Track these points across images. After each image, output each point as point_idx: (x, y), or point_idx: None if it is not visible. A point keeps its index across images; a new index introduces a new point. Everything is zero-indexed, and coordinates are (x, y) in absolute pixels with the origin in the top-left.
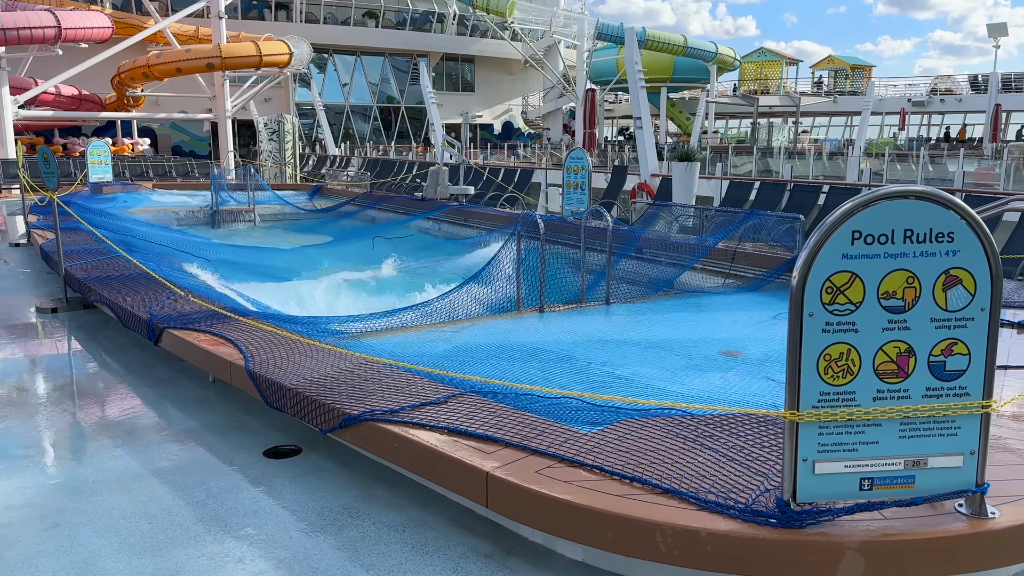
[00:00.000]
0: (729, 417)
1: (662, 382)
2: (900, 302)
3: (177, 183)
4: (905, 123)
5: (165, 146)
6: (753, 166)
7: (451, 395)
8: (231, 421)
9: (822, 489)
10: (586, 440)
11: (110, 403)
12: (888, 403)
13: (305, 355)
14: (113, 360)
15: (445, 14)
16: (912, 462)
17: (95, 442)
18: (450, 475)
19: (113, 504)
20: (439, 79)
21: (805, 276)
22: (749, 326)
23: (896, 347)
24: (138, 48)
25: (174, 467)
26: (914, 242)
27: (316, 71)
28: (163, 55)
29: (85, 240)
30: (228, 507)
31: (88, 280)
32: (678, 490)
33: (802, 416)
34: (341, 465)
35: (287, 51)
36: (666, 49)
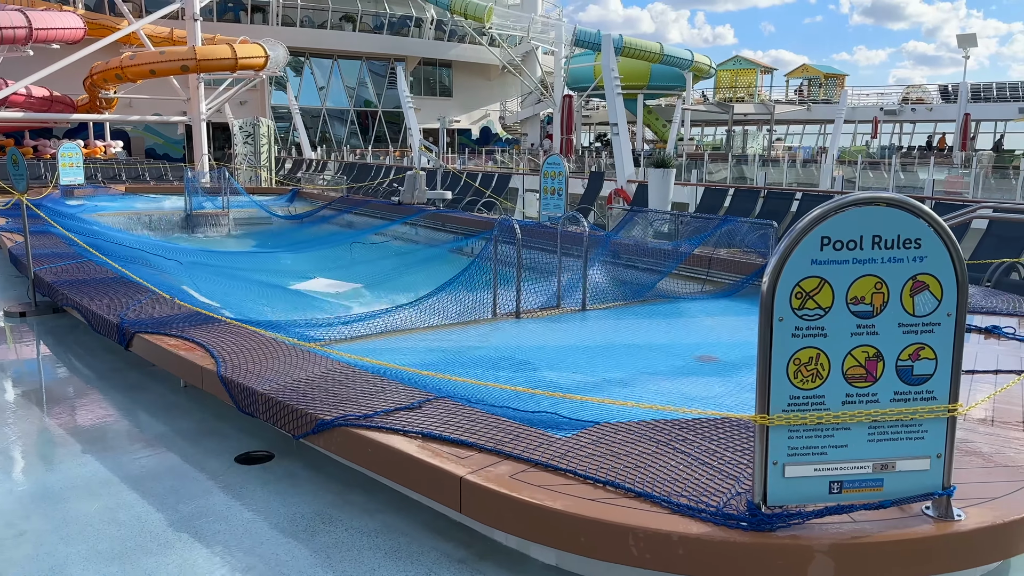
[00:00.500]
0: (702, 421)
1: (637, 387)
2: (869, 307)
3: (150, 186)
4: (877, 131)
5: (138, 149)
6: (728, 173)
7: (425, 400)
8: (202, 427)
9: (792, 492)
10: (560, 444)
11: (80, 409)
12: (857, 407)
13: (278, 359)
14: (83, 365)
15: (423, 19)
16: (880, 465)
17: (64, 448)
18: (424, 480)
19: (81, 511)
20: (417, 84)
21: (775, 281)
22: (723, 331)
23: (865, 352)
24: (111, 49)
25: (144, 473)
26: (882, 248)
27: (292, 74)
28: (137, 57)
29: (55, 243)
30: (199, 513)
31: (58, 284)
32: (651, 494)
33: (772, 420)
34: (314, 471)
35: (263, 54)
36: (643, 56)
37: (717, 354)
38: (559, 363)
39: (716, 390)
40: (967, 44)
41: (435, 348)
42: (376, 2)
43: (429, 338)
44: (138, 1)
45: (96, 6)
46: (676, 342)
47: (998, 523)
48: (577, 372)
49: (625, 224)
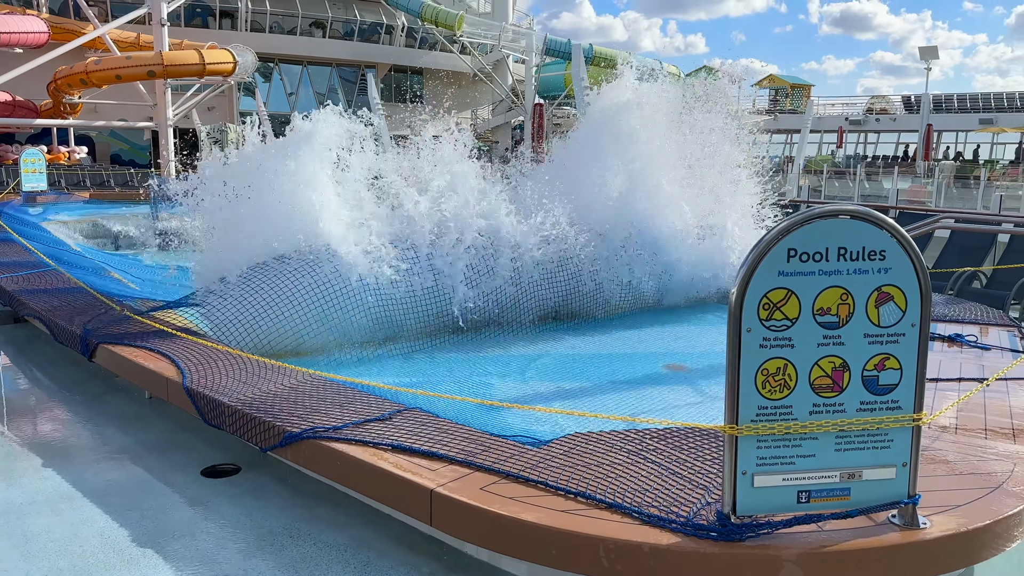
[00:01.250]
0: (672, 431)
1: (607, 396)
2: (835, 318)
3: (116, 193)
4: (843, 141)
5: (104, 155)
6: None
7: (395, 411)
8: (168, 439)
9: (761, 502)
10: (531, 455)
11: (41, 421)
12: (824, 417)
13: (245, 370)
14: (45, 376)
15: (394, 26)
16: (847, 474)
17: (24, 462)
18: (394, 493)
19: (43, 527)
20: (388, 91)
21: (743, 292)
22: (692, 340)
23: (831, 362)
24: (76, 54)
25: (108, 487)
26: (848, 260)
27: (261, 80)
28: (102, 62)
29: (16, 252)
30: (164, 528)
31: (19, 293)
32: (621, 504)
33: (741, 430)
34: (282, 484)
35: (231, 59)
36: (612, 65)
37: (686, 363)
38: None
39: (686, 399)
40: (929, 56)
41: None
42: (346, 8)
43: (398, 347)
44: (104, 6)
45: (61, 10)
46: (646, 351)
47: (962, 530)
48: (546, 381)
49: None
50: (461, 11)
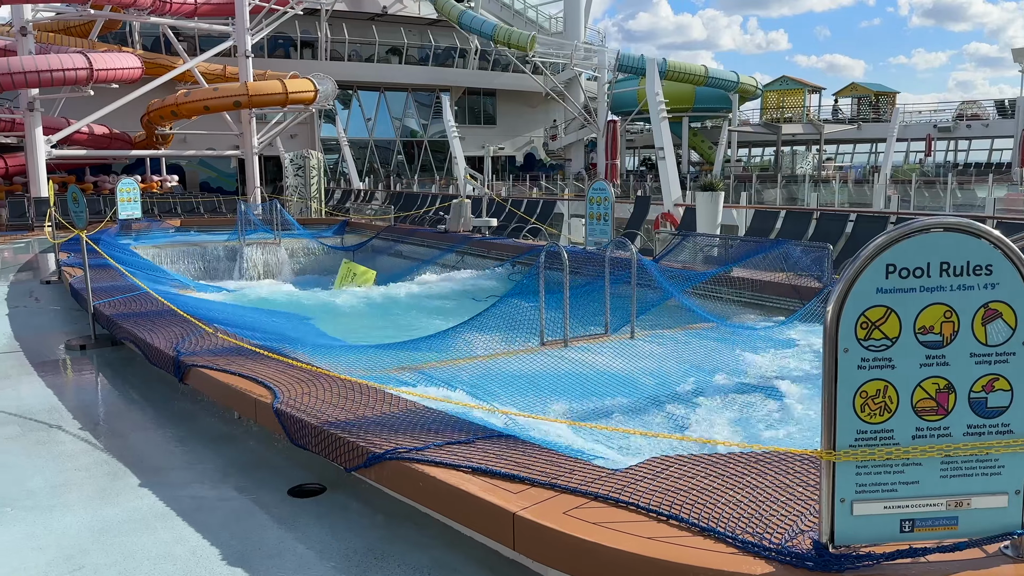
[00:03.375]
0: (762, 454)
1: (692, 416)
2: (938, 337)
3: (205, 219)
4: (931, 149)
5: (193, 182)
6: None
7: (476, 433)
8: (256, 458)
9: (861, 531)
10: (617, 478)
11: (136, 441)
12: (928, 441)
13: (329, 391)
14: (139, 397)
15: (467, 49)
16: (954, 502)
17: (121, 481)
18: (475, 516)
19: (138, 545)
20: (461, 113)
21: (839, 311)
22: (780, 358)
23: (935, 383)
24: (167, 87)
25: (199, 506)
26: (951, 275)
27: (341, 107)
28: (191, 94)
29: (113, 277)
30: (252, 547)
31: (115, 317)
32: (713, 529)
33: (838, 455)
34: (366, 504)
35: (312, 88)
36: (687, 79)
37: (772, 382)
38: (609, 392)
39: (774, 420)
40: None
41: (484, 377)
42: (421, 34)
43: (478, 367)
44: (192, 40)
45: (153, 46)
46: (730, 369)
47: None
48: (628, 401)
49: (673, 248)
50: (533, 32)
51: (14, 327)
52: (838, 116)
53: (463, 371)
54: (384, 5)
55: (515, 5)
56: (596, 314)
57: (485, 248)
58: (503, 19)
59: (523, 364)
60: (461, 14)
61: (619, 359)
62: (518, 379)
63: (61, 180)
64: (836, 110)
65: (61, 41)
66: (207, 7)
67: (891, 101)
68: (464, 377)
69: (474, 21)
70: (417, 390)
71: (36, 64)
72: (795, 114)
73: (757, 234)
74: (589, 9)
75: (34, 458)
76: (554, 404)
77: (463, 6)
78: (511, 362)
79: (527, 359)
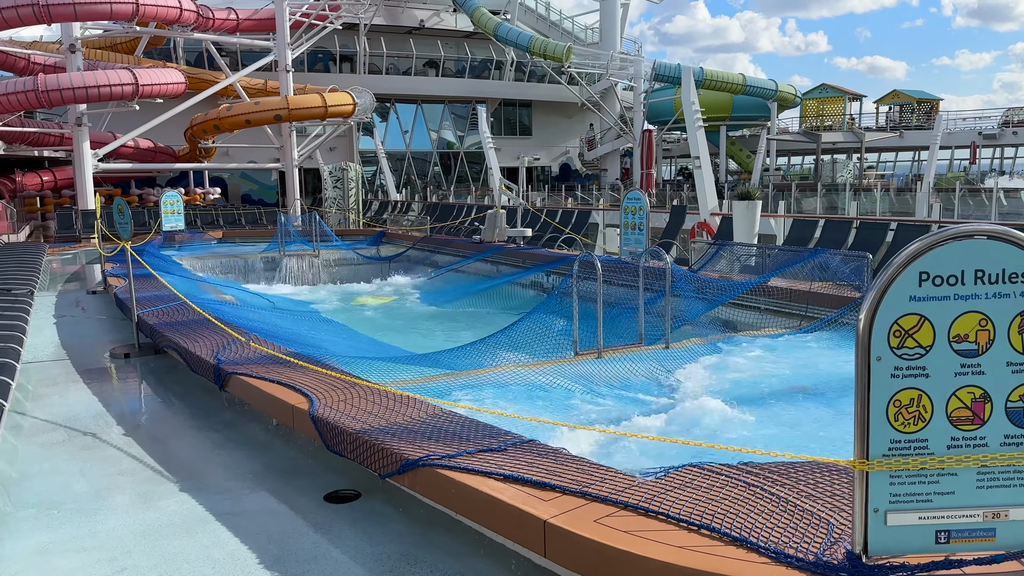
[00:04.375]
0: (796, 464)
1: (724, 424)
2: (973, 345)
3: (246, 231)
4: (976, 157)
5: (235, 195)
6: (818, 203)
7: (510, 441)
8: (293, 465)
9: (895, 542)
10: (648, 487)
11: (177, 447)
12: (963, 451)
13: (364, 399)
14: (181, 404)
15: (503, 61)
16: (992, 513)
17: (162, 486)
18: (507, 523)
19: (178, 548)
20: (497, 124)
21: (871, 319)
22: (816, 368)
23: (970, 392)
24: (210, 102)
25: (237, 511)
26: (986, 283)
27: (379, 120)
28: (233, 108)
29: (157, 287)
30: (289, 552)
31: (159, 326)
32: (746, 539)
33: (872, 465)
34: (400, 510)
35: (351, 102)
36: (725, 88)
37: (809, 391)
38: (642, 401)
39: (809, 429)
40: None
41: (517, 385)
42: (458, 47)
43: (512, 375)
44: (234, 55)
45: (196, 61)
46: (765, 379)
47: None
48: (661, 410)
49: (710, 258)
50: (569, 43)
51: (61, 336)
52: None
53: (495, 379)
54: (421, 19)
55: (551, 17)
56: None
57: (519, 258)
58: (539, 31)
59: (556, 374)
60: (497, 26)
61: (653, 369)
62: (551, 388)
63: (107, 193)
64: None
65: (108, 57)
66: (249, 23)
67: (934, 108)
68: (497, 386)
69: (510, 33)
70: (450, 399)
71: (84, 80)
72: (835, 122)
73: (796, 243)
74: (625, 19)
75: (79, 463)
76: (586, 412)
77: (499, 19)
78: (544, 372)
79: (560, 368)
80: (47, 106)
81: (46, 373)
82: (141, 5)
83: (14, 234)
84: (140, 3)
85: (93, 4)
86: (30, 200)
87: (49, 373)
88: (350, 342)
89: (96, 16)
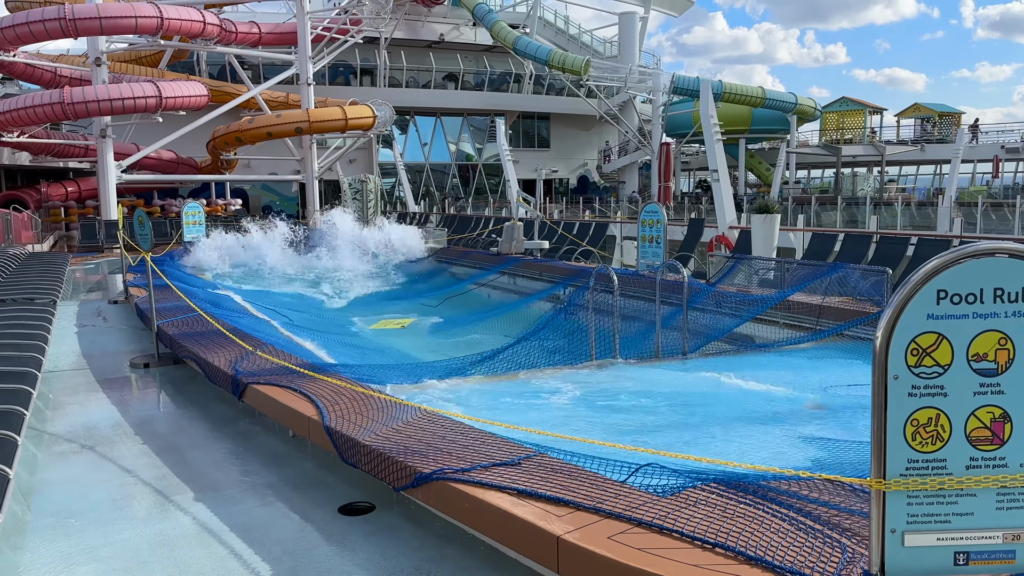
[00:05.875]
0: (813, 482)
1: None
2: (992, 365)
3: None
4: (999, 171)
5: (256, 206)
6: (838, 217)
7: (524, 455)
8: (308, 477)
9: (912, 563)
10: (663, 504)
11: (194, 458)
12: (983, 472)
13: (378, 409)
14: (199, 415)
15: (522, 74)
16: (1012, 536)
17: (179, 496)
18: (520, 538)
19: (193, 558)
20: (515, 136)
21: (888, 337)
22: (832, 383)
23: (990, 412)
24: (232, 114)
25: (252, 522)
26: (1005, 301)
27: (398, 132)
28: (255, 121)
29: (177, 298)
30: (303, 564)
31: (178, 336)
32: (761, 558)
33: (889, 484)
34: (414, 523)
35: (371, 114)
36: (744, 101)
37: (826, 407)
38: (658, 414)
39: (826, 446)
40: None
41: (532, 396)
42: (477, 61)
43: (527, 385)
44: (256, 68)
45: (218, 74)
46: (783, 393)
47: None
48: (677, 424)
49: (728, 272)
50: (587, 56)
51: (82, 345)
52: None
53: (510, 389)
54: (441, 33)
55: (570, 30)
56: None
57: (536, 270)
58: (558, 44)
59: (570, 383)
60: (516, 40)
61: (668, 381)
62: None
63: (130, 204)
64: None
65: (132, 70)
66: (271, 37)
67: (956, 121)
68: (510, 396)
69: (529, 46)
70: (463, 409)
71: (109, 93)
72: (856, 135)
73: (815, 257)
74: (644, 33)
75: (98, 472)
76: (601, 425)
77: (518, 32)
78: (558, 380)
79: (574, 377)
80: (72, 118)
81: (67, 382)
82: (166, 19)
83: (39, 244)
84: (165, 17)
85: (119, 19)
86: (55, 210)
87: (70, 382)
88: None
89: (122, 30)
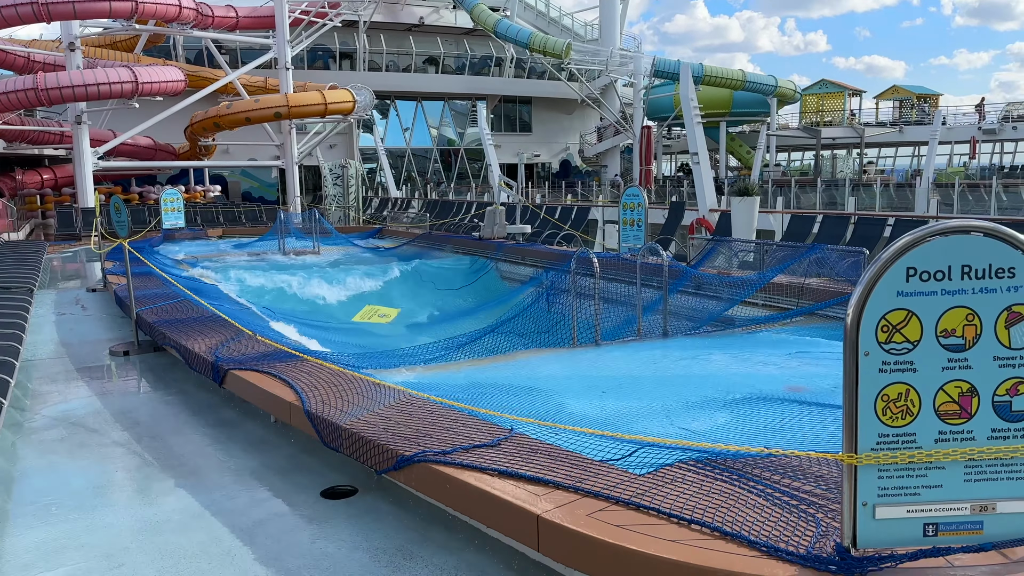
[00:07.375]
0: (787, 459)
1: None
2: (960, 340)
3: (246, 229)
4: (976, 152)
5: (235, 192)
6: (817, 199)
7: (503, 436)
8: (291, 461)
9: (883, 535)
10: (642, 482)
11: (175, 444)
12: (951, 445)
13: (360, 393)
14: (180, 401)
15: (503, 58)
16: (979, 507)
17: (160, 482)
18: (501, 518)
19: (175, 544)
20: (497, 120)
21: (859, 314)
22: (810, 362)
23: (958, 387)
24: (209, 99)
25: (234, 507)
26: (972, 278)
27: (379, 117)
28: (233, 106)
29: (155, 285)
30: (285, 548)
31: (157, 324)
32: (738, 533)
33: (860, 459)
34: (396, 506)
35: (351, 99)
36: (724, 84)
37: (804, 385)
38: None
39: (803, 423)
40: None
41: (513, 377)
42: (458, 44)
43: (506, 366)
44: (234, 53)
45: (196, 59)
46: (762, 372)
47: None
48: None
49: (708, 254)
50: (568, 39)
51: (61, 334)
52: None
53: (491, 371)
54: (421, 16)
55: (550, 13)
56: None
57: (518, 255)
58: (539, 27)
59: (552, 365)
60: (497, 23)
61: (649, 362)
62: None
63: (108, 191)
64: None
65: (107, 55)
66: (248, 20)
67: (933, 103)
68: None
69: (510, 30)
70: (444, 393)
71: (84, 78)
72: (835, 118)
73: (794, 239)
74: (625, 16)
75: (78, 459)
76: (582, 405)
77: (499, 15)
78: (540, 363)
79: (556, 359)
80: (47, 104)
81: (46, 371)
82: (140, 3)
83: (14, 232)
84: (139, 1)
85: (92, 2)
86: (30, 198)
87: (49, 371)
88: (345, 338)
89: (95, 14)
